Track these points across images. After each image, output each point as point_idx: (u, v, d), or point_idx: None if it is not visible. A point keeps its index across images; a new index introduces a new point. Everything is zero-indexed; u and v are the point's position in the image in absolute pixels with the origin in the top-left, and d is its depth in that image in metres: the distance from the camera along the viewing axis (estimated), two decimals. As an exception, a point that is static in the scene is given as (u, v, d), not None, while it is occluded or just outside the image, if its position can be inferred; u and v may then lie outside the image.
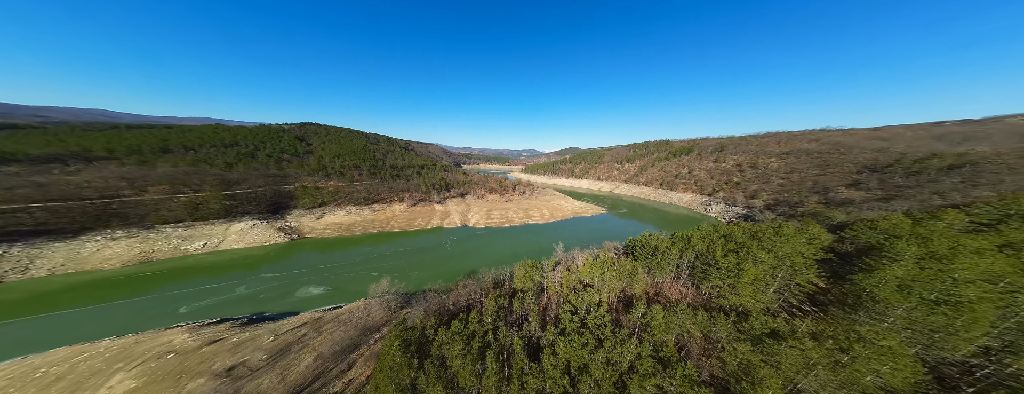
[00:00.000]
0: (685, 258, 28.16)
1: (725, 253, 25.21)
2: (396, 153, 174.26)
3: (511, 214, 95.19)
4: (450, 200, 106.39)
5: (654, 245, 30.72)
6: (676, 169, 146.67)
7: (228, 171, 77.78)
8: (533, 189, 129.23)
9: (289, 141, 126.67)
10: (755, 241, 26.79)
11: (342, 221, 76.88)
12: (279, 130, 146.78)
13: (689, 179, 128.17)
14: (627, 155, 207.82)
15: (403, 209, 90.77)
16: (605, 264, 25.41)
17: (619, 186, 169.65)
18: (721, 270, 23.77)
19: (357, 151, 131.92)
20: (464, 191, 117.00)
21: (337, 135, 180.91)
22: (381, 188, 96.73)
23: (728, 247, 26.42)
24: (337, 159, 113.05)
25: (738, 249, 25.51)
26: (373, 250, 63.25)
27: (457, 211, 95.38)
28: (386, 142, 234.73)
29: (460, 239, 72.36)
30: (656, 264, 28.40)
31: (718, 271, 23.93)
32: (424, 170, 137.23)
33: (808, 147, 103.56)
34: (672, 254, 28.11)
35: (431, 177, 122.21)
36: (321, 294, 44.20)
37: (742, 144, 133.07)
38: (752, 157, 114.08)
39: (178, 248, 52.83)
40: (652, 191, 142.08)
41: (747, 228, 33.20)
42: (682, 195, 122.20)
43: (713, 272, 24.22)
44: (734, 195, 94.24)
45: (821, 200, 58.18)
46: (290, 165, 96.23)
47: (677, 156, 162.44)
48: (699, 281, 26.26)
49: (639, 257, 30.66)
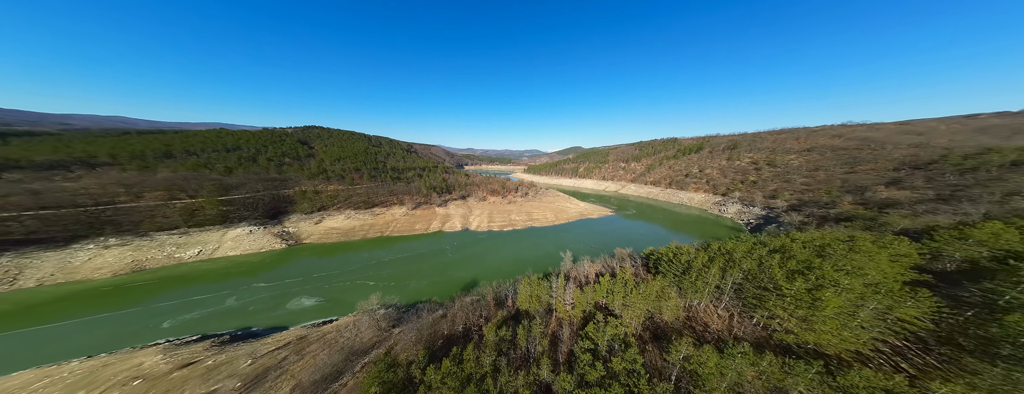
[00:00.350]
0: (729, 278, 23.06)
1: (788, 275, 20.30)
2: (398, 155, 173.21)
3: (514, 217, 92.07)
4: (451, 203, 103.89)
5: (685, 261, 26.03)
6: (685, 168, 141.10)
7: (227, 176, 76.87)
8: (536, 190, 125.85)
9: (291, 144, 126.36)
10: (823, 258, 21.68)
11: (341, 226, 75.00)
12: (282, 134, 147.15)
13: (700, 178, 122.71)
14: (633, 154, 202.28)
15: (403, 213, 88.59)
16: (626, 284, 21.53)
17: (625, 186, 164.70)
18: (785, 297, 18.84)
19: (358, 154, 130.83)
20: (465, 193, 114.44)
21: (339, 138, 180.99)
22: (381, 191, 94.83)
23: (789, 267, 21.30)
24: (338, 162, 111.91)
25: (804, 269, 20.39)
26: (371, 256, 60.96)
27: (458, 214, 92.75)
28: (388, 144, 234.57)
29: (461, 244, 69.55)
30: (689, 284, 23.77)
31: (780, 298, 19.06)
32: (425, 172, 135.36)
33: (831, 143, 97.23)
34: (711, 273, 23.19)
35: (432, 179, 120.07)
36: (313, 306, 41.87)
37: (756, 141, 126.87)
38: (769, 154, 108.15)
39: (172, 256, 51.42)
40: (660, 191, 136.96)
41: (807, 241, 27.68)
42: (693, 195, 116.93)
43: (771, 298, 19.40)
44: (751, 195, 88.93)
45: (857, 200, 53.04)
46: (290, 169, 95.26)
47: (686, 154, 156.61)
48: (750, 308, 21.39)
49: (665, 273, 26.36)
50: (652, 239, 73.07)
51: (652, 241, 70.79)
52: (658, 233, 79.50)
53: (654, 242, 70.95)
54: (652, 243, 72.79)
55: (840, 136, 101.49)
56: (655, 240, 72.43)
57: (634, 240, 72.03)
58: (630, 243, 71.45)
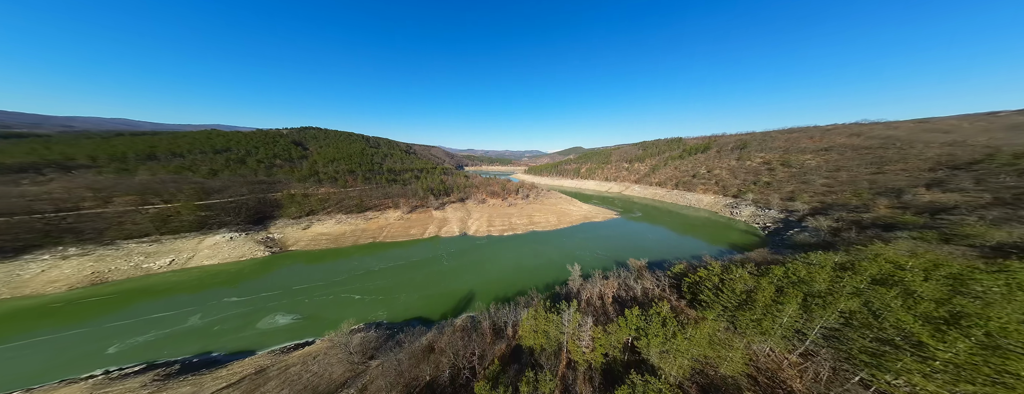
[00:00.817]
0: (818, 321, 16.85)
1: (927, 325, 13.94)
2: (395, 156, 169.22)
3: (514, 220, 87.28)
4: (449, 206, 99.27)
5: (741, 290, 19.59)
6: (692, 168, 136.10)
7: (212, 178, 72.65)
8: (537, 192, 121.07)
9: (284, 146, 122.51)
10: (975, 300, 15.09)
11: (331, 231, 70.41)
12: (276, 135, 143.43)
13: (709, 179, 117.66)
14: (636, 154, 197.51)
15: (398, 217, 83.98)
16: (665, 322, 15.69)
17: (629, 187, 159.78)
18: (932, 360, 12.68)
19: (353, 155, 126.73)
20: (464, 195, 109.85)
21: (336, 139, 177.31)
22: (375, 194, 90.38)
23: (922, 310, 14.88)
24: (331, 164, 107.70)
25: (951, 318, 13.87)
26: (361, 265, 56.25)
27: (456, 218, 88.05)
28: (387, 145, 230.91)
29: (458, 250, 64.76)
30: (750, 322, 17.65)
31: (923, 361, 12.76)
32: (423, 174, 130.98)
33: (849, 142, 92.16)
34: (785, 312, 17.08)
35: (429, 181, 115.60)
36: (288, 324, 37.11)
37: (767, 140, 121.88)
38: (782, 154, 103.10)
39: (139, 266, 46.91)
40: (667, 192, 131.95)
41: (923, 265, 20.13)
42: (702, 196, 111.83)
43: (901, 358, 13.17)
44: (767, 197, 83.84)
45: (895, 204, 47.88)
46: (281, 171, 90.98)
47: (692, 154, 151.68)
48: (856, 365, 14.76)
49: (709, 303, 20.26)
50: (664, 245, 68.05)
51: (664, 247, 65.83)
52: (669, 238, 74.40)
53: (667, 248, 65.88)
54: (664, 249, 67.90)
55: (858, 135, 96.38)
56: (667, 246, 67.33)
57: (645, 246, 67.01)
58: (640, 249, 66.46)
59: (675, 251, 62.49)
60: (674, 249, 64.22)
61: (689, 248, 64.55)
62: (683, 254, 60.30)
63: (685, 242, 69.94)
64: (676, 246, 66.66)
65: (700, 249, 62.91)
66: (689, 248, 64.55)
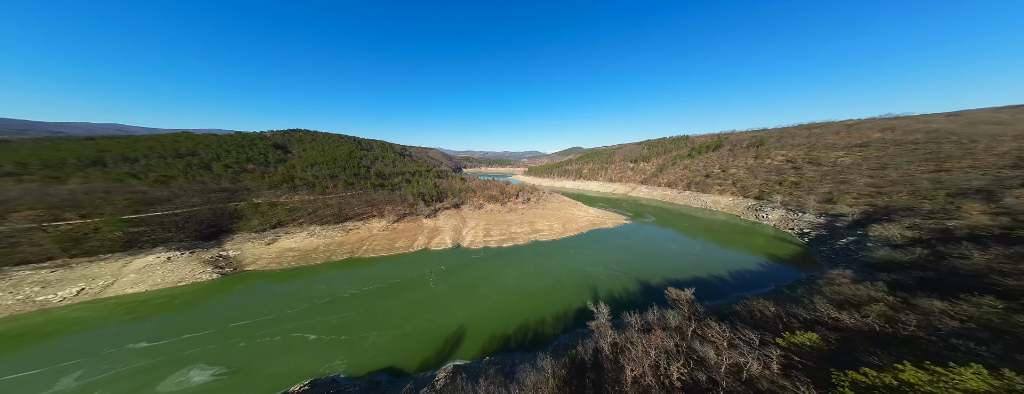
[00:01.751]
0: None
1: None
2: (387, 159, 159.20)
3: (514, 228, 77.26)
4: (442, 213, 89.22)
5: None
6: (704, 168, 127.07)
7: (159, 187, 62.28)
8: (539, 195, 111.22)
9: (262, 149, 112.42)
10: None
11: (300, 246, 60.11)
12: (257, 137, 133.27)
13: (724, 179, 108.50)
14: (641, 153, 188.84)
15: (383, 227, 73.78)
16: None
17: (635, 188, 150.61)
18: None
19: (340, 158, 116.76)
20: (459, 201, 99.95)
21: (324, 141, 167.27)
22: (358, 201, 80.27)
23: None
24: (311, 168, 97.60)
25: None
26: (328, 289, 45.99)
27: (449, 227, 77.97)
28: (380, 147, 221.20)
29: (450, 268, 54.64)
30: None
31: None
32: (416, 177, 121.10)
33: (888, 137, 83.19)
34: None
35: (422, 185, 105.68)
36: (202, 385, 26.77)
37: (786, 137, 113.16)
38: (807, 151, 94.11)
39: (31, 299, 36.42)
40: (677, 193, 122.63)
41: None
42: (719, 198, 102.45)
43: None
44: (798, 198, 74.47)
45: (992, 209, 38.03)
46: (250, 177, 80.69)
47: (702, 153, 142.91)
48: None
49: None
50: (692, 257, 58.03)
51: (695, 261, 55.64)
52: (694, 247, 64.49)
53: (698, 262, 53.90)
54: (696, 263, 55.04)
55: (891, 129, 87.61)
56: (697, 258, 57.14)
57: (671, 259, 56.94)
58: (667, 264, 55.85)
59: (709, 265, 52.62)
60: (707, 262, 54.32)
61: (724, 261, 54.70)
62: (720, 269, 50.43)
63: (714, 253, 60.03)
64: (707, 258, 56.72)
65: (741, 263, 53.07)
66: (724, 261, 54.70)
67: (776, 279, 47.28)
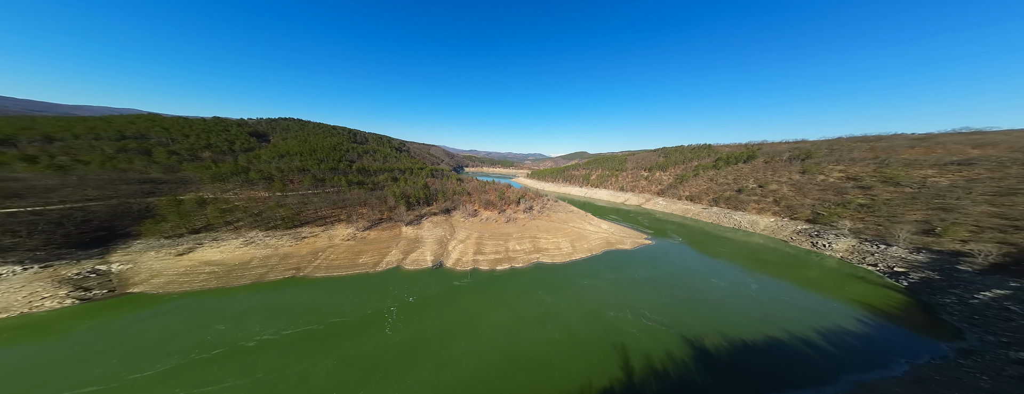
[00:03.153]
0: None
1: None
2: (379, 154, 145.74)
3: (513, 244, 62.35)
4: (428, 219, 74.63)
5: None
6: (735, 181, 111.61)
7: (56, 173, 48.53)
8: (543, 203, 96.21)
9: (234, 136, 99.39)
10: None
11: (226, 258, 45.66)
12: (234, 124, 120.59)
13: (762, 196, 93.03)
14: (656, 161, 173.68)
15: (348, 235, 59.33)
16: None
17: (651, 200, 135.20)
18: None
19: (320, 149, 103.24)
20: (451, 205, 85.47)
21: (314, 131, 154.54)
22: (324, 201, 66.18)
23: None
24: (280, 159, 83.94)
25: None
26: (231, 330, 31.35)
27: (433, 238, 63.29)
28: (376, 141, 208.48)
29: (422, 300, 39.85)
30: None
31: None
32: (406, 175, 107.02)
33: (987, 153, 66.95)
34: None
35: (409, 185, 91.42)
36: None
37: (839, 150, 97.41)
38: (876, 167, 78.44)
39: None
40: (702, 209, 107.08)
41: None
42: (757, 218, 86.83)
43: None
44: (878, 226, 58.84)
45: None
46: (193, 166, 66.84)
47: (730, 164, 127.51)
48: None
49: None
50: (746, 298, 42.39)
51: (750, 303, 39.74)
52: (744, 284, 48.86)
53: (756, 307, 37.01)
54: (753, 308, 36.81)
55: (992, 144, 71.12)
56: (752, 301, 41.24)
57: (721, 303, 41.27)
58: (714, 308, 38.04)
59: (781, 315, 37.15)
60: (775, 310, 38.82)
61: (799, 310, 39.22)
62: (801, 324, 34.92)
63: (780, 295, 44.35)
64: (774, 304, 41.17)
65: (826, 315, 37.52)
66: (799, 310, 39.22)
67: (898, 351, 31.84)
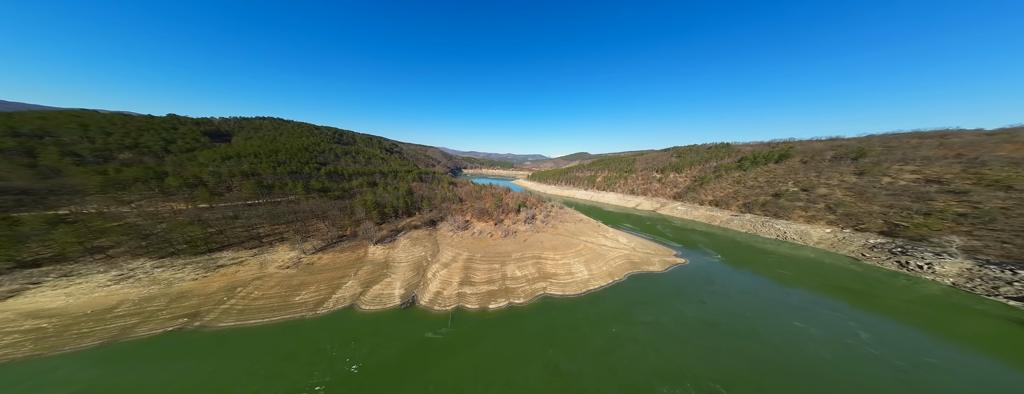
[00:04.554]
0: None
1: None
2: (363, 155, 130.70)
3: (511, 268, 47.27)
4: (406, 235, 59.56)
5: None
6: (768, 183, 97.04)
7: None
8: (547, 210, 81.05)
9: (177, 135, 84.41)
10: None
11: (70, 306, 30.40)
12: (188, 122, 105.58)
13: (810, 201, 78.38)
14: (669, 162, 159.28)
15: (289, 261, 44.12)
16: None
17: (666, 204, 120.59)
18: None
19: (284, 150, 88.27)
20: (438, 215, 70.54)
21: (292, 130, 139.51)
22: (266, 215, 51.18)
23: None
24: (221, 163, 68.88)
25: None
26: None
27: (408, 262, 48.24)
28: (365, 142, 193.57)
29: (368, 373, 24.77)
30: None
31: None
32: (388, 178, 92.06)
33: None
34: None
35: (388, 191, 76.41)
36: None
37: (899, 147, 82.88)
38: (965, 167, 64.06)
39: None
40: (732, 216, 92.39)
41: None
42: (806, 228, 72.11)
43: None
44: (1010, 245, 44.22)
45: None
46: (82, 171, 50.90)
47: (759, 164, 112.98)
48: None
49: None
50: (862, 359, 26.75)
51: (868, 367, 24.94)
52: (847, 329, 33.64)
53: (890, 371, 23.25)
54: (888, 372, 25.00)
55: None
56: (876, 363, 25.92)
57: (825, 367, 25.89)
58: (819, 381, 24.68)
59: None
60: (922, 385, 23.69)
61: (977, 389, 24.21)
62: None
63: (919, 349, 29.08)
64: (925, 375, 25.99)
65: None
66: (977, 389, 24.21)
67: None
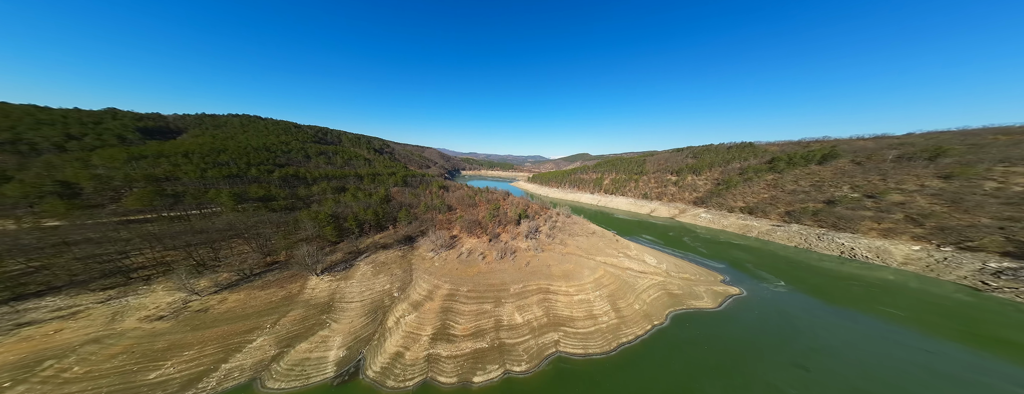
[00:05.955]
0: None
1: None
2: (343, 156, 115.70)
3: (508, 310, 31.85)
4: (367, 259, 44.33)
5: None
6: (814, 188, 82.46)
7: None
8: (552, 220, 65.71)
9: (103, 129, 69.44)
10: None
11: None
12: (127, 116, 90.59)
13: (882, 210, 63.68)
14: (685, 163, 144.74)
15: (163, 310, 28.78)
16: None
17: (687, 211, 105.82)
18: None
19: (231, 150, 73.34)
20: (418, 229, 55.56)
21: (262, 128, 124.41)
22: (156, 235, 36.17)
23: None
24: (125, 165, 53.63)
25: None
26: None
27: (361, 301, 32.91)
28: (352, 142, 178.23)
29: None
30: None
31: None
32: (364, 183, 77.10)
33: None
34: None
35: (356, 199, 61.39)
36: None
37: (987, 145, 68.57)
38: None
39: None
40: (773, 226, 77.78)
41: None
42: (884, 244, 57.32)
43: None
44: None
45: None
46: None
47: (796, 166, 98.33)
48: None
49: None
50: None
51: None
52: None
53: None
54: None
55: None
56: None
57: None
58: None
59: None
60: None
61: None
62: None
63: None
64: None
65: None
66: None
67: None
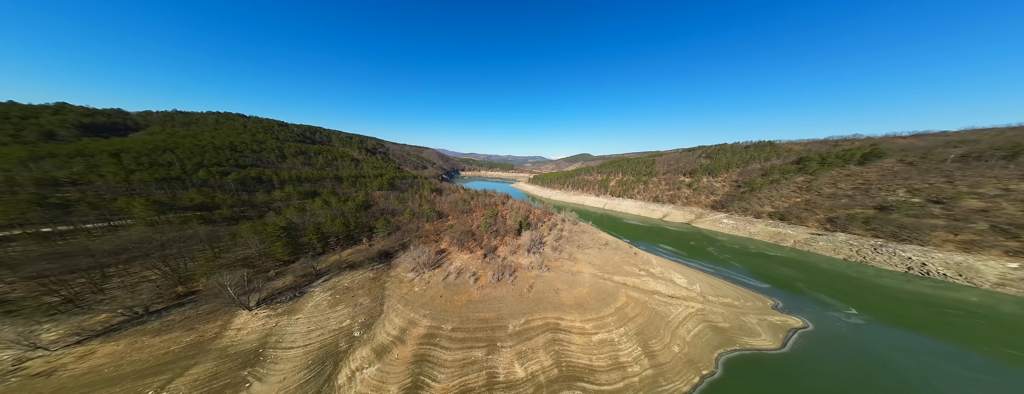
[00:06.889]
0: None
1: None
2: (326, 156, 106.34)
3: (507, 360, 21.90)
4: (325, 284, 34.72)
5: None
6: (859, 191, 72.45)
7: None
8: (557, 228, 55.89)
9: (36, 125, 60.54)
10: None
11: None
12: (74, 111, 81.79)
13: (954, 218, 53.75)
14: (699, 163, 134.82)
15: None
16: None
17: (704, 216, 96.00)
18: None
19: (182, 148, 64.22)
20: (398, 241, 46.06)
21: (235, 126, 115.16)
22: (11, 260, 26.96)
23: None
24: (12, 166, 44.43)
25: None
26: None
27: (305, 347, 23.06)
28: (343, 141, 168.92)
29: None
30: None
31: None
32: (343, 186, 67.68)
33: None
34: None
35: (325, 207, 51.97)
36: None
37: None
38: None
39: None
40: (812, 235, 67.98)
41: None
42: (967, 259, 47.28)
43: None
44: None
45: None
46: None
47: (831, 166, 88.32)
48: None
49: None
50: None
51: None
52: None
53: None
54: None
55: None
56: None
57: None
58: None
59: None
60: None
61: None
62: None
63: None
64: None
65: None
66: None
67: None
